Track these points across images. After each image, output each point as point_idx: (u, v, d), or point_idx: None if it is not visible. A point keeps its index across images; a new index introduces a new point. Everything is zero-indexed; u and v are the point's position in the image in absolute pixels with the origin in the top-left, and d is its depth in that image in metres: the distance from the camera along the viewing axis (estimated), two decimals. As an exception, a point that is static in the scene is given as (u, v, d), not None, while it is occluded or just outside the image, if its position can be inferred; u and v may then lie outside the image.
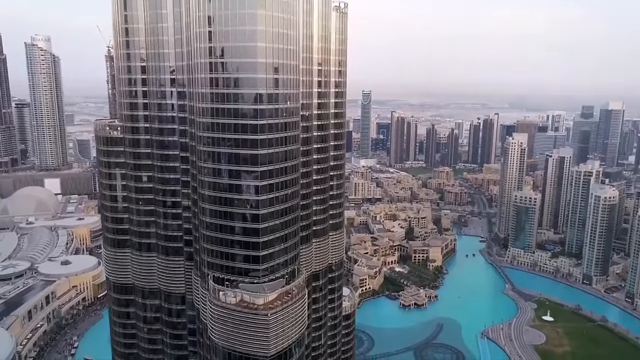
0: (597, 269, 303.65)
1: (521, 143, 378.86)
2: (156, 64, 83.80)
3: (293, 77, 72.99)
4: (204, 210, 74.08)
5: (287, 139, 73.12)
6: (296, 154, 75.71)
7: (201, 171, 73.51)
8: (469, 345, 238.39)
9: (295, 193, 76.66)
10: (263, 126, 68.89)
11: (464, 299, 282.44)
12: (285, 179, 73.49)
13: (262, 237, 71.52)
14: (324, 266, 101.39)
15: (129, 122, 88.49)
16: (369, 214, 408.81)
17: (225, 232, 72.57)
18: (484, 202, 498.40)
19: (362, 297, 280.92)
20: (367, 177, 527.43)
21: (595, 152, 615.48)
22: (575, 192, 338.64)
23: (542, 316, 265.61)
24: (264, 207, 71.05)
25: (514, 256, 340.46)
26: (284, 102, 71.14)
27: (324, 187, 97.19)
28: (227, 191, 71.43)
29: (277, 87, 69.78)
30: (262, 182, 70.13)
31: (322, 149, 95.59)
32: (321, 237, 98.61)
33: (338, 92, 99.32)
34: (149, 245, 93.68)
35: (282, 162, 72.76)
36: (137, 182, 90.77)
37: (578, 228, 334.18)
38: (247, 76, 68.20)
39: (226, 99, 68.65)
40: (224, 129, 69.41)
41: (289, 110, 72.40)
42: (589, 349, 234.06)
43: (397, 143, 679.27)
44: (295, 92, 73.89)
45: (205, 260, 75.69)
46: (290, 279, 76.76)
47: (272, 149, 70.69)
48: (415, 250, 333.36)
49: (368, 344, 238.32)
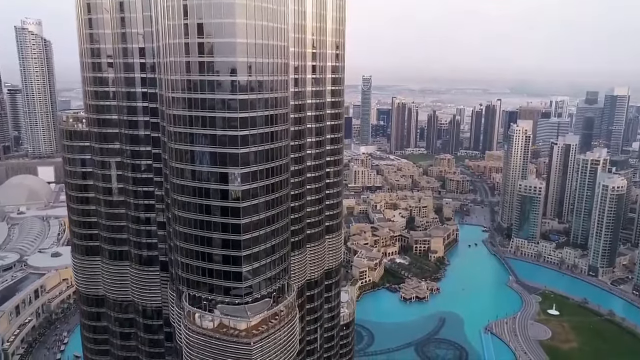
0: (603, 261, 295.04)
1: (526, 130, 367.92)
2: (124, 45, 73.15)
3: (281, 60, 62.48)
4: (177, 217, 63.91)
5: (274, 135, 62.88)
6: (285, 151, 65.58)
7: (172, 172, 63.44)
8: (472, 341, 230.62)
9: (285, 197, 66.44)
10: (244, 120, 58.46)
11: (466, 291, 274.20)
12: (271, 181, 63.34)
13: (245, 250, 61.41)
14: (319, 273, 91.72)
15: (94, 113, 78.11)
16: (368, 203, 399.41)
17: (201, 243, 62.48)
18: (486, 190, 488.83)
19: (362, 290, 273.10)
20: (367, 165, 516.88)
21: (599, 138, 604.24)
22: (581, 180, 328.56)
23: (547, 310, 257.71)
24: (247, 215, 60.93)
25: (518, 247, 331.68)
26: (269, 90, 60.90)
27: (318, 185, 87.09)
28: (202, 196, 61.23)
29: (261, 73, 59.40)
30: (244, 186, 59.89)
31: (317, 143, 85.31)
32: (316, 242, 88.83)
33: (335, 78, 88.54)
34: (121, 253, 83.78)
35: (268, 162, 62.61)
36: (106, 181, 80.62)
37: (584, 218, 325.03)
38: (224, 60, 57.64)
39: (200, 87, 58.11)
40: (197, 123, 59.07)
41: (275, 100, 62.12)
42: (596, 345, 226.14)
43: (398, 129, 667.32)
44: (284, 78, 63.28)
45: (179, 275, 65.74)
46: (279, 297, 66.95)
47: (255, 147, 60.44)
48: (416, 241, 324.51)
49: (368, 340, 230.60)
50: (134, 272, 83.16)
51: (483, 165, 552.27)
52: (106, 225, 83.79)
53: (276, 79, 61.64)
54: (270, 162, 62.07)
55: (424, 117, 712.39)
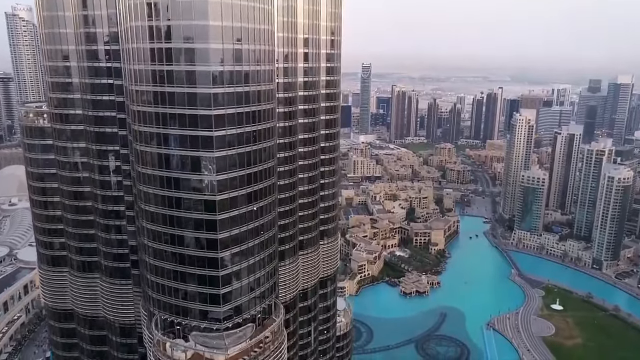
0: (607, 253, 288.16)
1: (529, 120, 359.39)
2: (87, 30, 64.40)
3: (265, 47, 54.15)
4: (144, 230, 56.00)
5: (257, 134, 54.66)
6: (271, 152, 57.44)
7: (140, 178, 55.21)
8: (473, 337, 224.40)
9: (271, 205, 58.50)
10: (219, 118, 50.26)
11: (468, 285, 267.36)
12: (254, 188, 55.33)
13: (223, 269, 53.53)
14: (313, 282, 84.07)
15: (56, 107, 69.56)
16: (368, 194, 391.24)
17: (172, 260, 54.54)
18: (487, 180, 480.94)
19: (361, 284, 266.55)
20: (367, 154, 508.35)
21: (602, 127, 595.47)
22: (586, 171, 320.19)
23: (551, 304, 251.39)
24: (225, 228, 52.91)
25: (520, 239, 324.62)
26: (250, 83, 52.62)
27: (312, 187, 79.10)
28: (172, 207, 53.22)
29: (239, 62, 51.04)
30: (221, 196, 51.87)
31: (310, 140, 77.09)
32: (310, 248, 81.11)
33: (330, 67, 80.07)
34: (90, 264, 75.91)
35: (250, 167, 54.57)
36: (72, 184, 72.38)
37: (588, 209, 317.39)
38: (194, 46, 49.15)
39: (166, 79, 49.63)
40: (164, 122, 50.90)
41: (258, 94, 53.87)
42: (601, 341, 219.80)
43: (398, 118, 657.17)
44: (269, 68, 54.99)
45: (149, 295, 57.82)
46: (265, 319, 59.12)
47: (233, 150, 52.31)
48: (416, 233, 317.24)
49: (367, 336, 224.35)
50: (105, 285, 75.25)
51: (484, 154, 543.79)
52: (73, 234, 75.76)
53: (259, 68, 53.34)
54: (252, 166, 53.94)
55: (424, 105, 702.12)
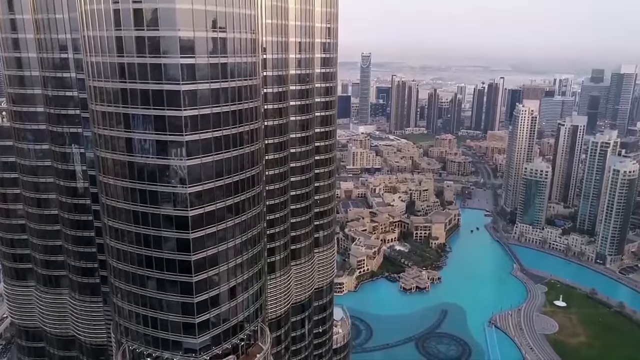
0: (612, 248, 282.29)
1: (532, 111, 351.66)
2: (50, 16, 57.01)
3: (248, 36, 46.93)
4: (110, 249, 49.00)
5: (239, 137, 47.53)
6: (255, 158, 50.46)
7: (102, 188, 48.44)
8: (475, 335, 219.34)
9: (257, 217, 51.62)
10: (192, 120, 43.19)
11: (469, 281, 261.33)
12: (236, 200, 48.46)
13: (199, 294, 46.75)
14: (308, 294, 77.49)
15: (15, 104, 62.30)
16: (367, 186, 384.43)
17: (141, 285, 47.87)
18: (488, 172, 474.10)
19: (360, 280, 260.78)
20: (366, 146, 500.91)
21: (605, 118, 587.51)
22: (590, 163, 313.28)
23: (554, 301, 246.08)
24: (199, 248, 46.04)
25: (522, 232, 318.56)
26: (229, 77, 45.59)
27: (306, 191, 72.18)
28: (139, 223, 46.42)
29: (215, 54, 43.86)
30: (194, 211, 45.00)
31: (303, 139, 70.02)
32: (304, 258, 74.46)
33: (326, 58, 72.71)
34: (58, 279, 69.09)
35: (230, 175, 47.61)
36: (36, 191, 65.35)
37: (592, 202, 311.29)
38: (161, 34, 41.61)
39: (127, 74, 42.31)
40: (128, 125, 43.82)
41: (239, 91, 46.75)
42: (606, 339, 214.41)
43: (398, 108, 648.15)
44: (253, 60, 47.79)
45: (117, 321, 51.09)
46: (250, 346, 52.49)
47: (209, 157, 45.22)
48: (416, 227, 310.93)
49: (366, 334, 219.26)
50: (73, 302, 68.52)
51: (485, 145, 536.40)
52: (38, 245, 68.79)
53: (240, 60, 46.25)
54: (233, 174, 46.92)
55: (425, 95, 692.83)
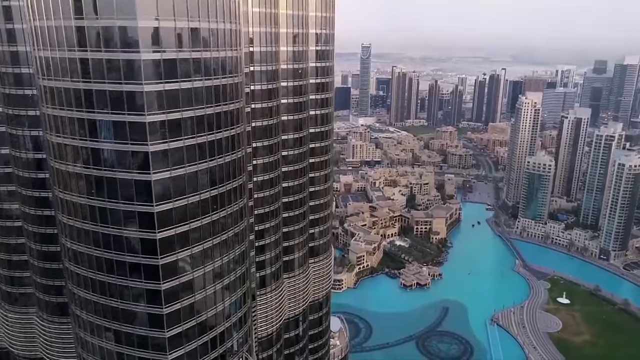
0: (615, 243, 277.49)
1: (535, 103, 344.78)
2: (6, 3, 50.95)
3: (227, 26, 40.64)
4: (71, 274, 43.30)
5: (215, 146, 41.15)
6: (237, 168, 44.60)
7: (58, 205, 42.60)
8: (477, 333, 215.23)
9: (238, 236, 45.49)
10: (157, 127, 37.02)
11: (471, 277, 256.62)
12: (214, 217, 42.39)
13: (170, 328, 40.87)
14: (302, 308, 72.03)
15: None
16: (367, 180, 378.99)
17: (104, 316, 41.92)
18: (489, 164, 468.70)
19: (360, 276, 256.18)
20: (366, 138, 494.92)
21: (607, 110, 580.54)
22: (594, 157, 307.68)
23: (557, 298, 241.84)
24: (170, 276, 39.94)
25: (524, 227, 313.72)
26: (205, 75, 39.42)
27: (299, 197, 66.53)
28: (100, 247, 40.43)
29: (185, 47, 37.61)
30: (163, 233, 38.97)
31: (296, 140, 64.20)
32: (298, 270, 69.01)
33: (322, 51, 66.64)
34: (24, 296, 63.34)
35: (206, 190, 41.17)
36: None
37: (595, 197, 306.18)
38: (119, 24, 35.26)
39: (80, 71, 36.36)
40: (82, 131, 37.72)
41: (216, 90, 40.57)
42: (610, 338, 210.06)
43: (398, 100, 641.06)
44: (234, 54, 41.93)
45: (79, 354, 45.33)
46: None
47: (180, 169, 39.05)
48: (417, 222, 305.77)
49: (365, 333, 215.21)
50: (42, 322, 62.77)
51: (486, 138, 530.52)
52: (1, 260, 62.80)
53: (218, 55, 40.28)
54: (211, 188, 40.97)
55: (425, 86, 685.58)
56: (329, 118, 71.23)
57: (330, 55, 68.49)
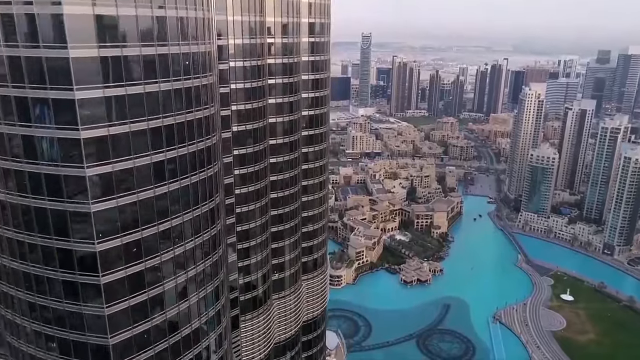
0: (620, 238, 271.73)
1: (539, 94, 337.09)
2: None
3: (194, 14, 33.65)
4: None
5: (177, 165, 34.01)
6: (208, 188, 37.50)
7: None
8: (479, 332, 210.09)
9: (212, 268, 38.42)
10: (97, 144, 29.92)
11: (472, 273, 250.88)
12: (177, 251, 35.35)
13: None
14: (294, 331, 65.62)
15: None
16: (367, 172, 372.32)
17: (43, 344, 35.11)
18: (491, 156, 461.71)
19: (359, 272, 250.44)
20: (366, 129, 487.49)
21: (611, 101, 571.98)
22: (599, 149, 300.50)
23: (561, 295, 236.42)
24: (118, 329, 33.13)
25: (527, 221, 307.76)
26: (163, 77, 32.30)
27: (291, 209, 59.73)
28: (34, 292, 33.63)
29: (126, 41, 30.21)
30: (109, 277, 31.79)
31: (287, 145, 57.35)
32: (289, 290, 62.46)
33: (316, 42, 59.42)
34: None
35: (165, 219, 34.15)
36: None
37: (600, 190, 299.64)
38: (42, 12, 28.15)
39: (9, 75, 29.26)
40: (4, 149, 31.05)
41: (180, 94, 33.56)
42: (616, 337, 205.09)
43: (399, 90, 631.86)
44: (204, 49, 34.83)
45: None
46: None
47: (130, 196, 31.99)
48: (418, 215, 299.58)
49: (365, 331, 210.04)
50: None
51: (488, 129, 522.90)
52: None
53: (178, 51, 33.24)
54: (172, 216, 33.94)
55: (426, 76, 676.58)
56: (323, 119, 63.82)
57: (326, 47, 60.99)
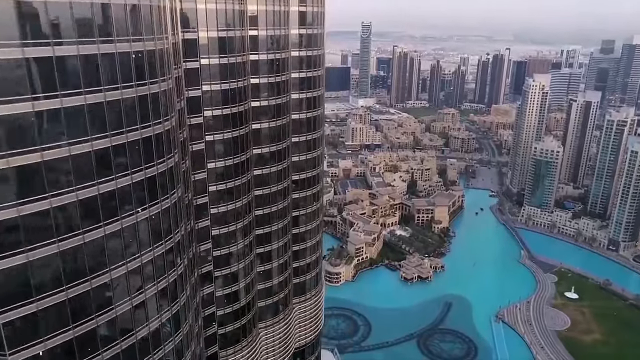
0: (626, 234, 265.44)
1: (543, 86, 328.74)
2: None
3: (147, 1, 26.65)
4: None
5: (124, 194, 27.13)
6: (175, 218, 30.73)
7: None
8: (481, 331, 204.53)
9: (186, 309, 31.61)
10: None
11: (474, 270, 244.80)
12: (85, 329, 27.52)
13: None
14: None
15: None
16: (367, 165, 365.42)
17: None
18: (492, 148, 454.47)
19: (358, 268, 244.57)
20: (366, 121, 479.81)
21: (614, 92, 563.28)
22: (604, 142, 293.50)
23: (565, 292, 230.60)
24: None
25: (530, 215, 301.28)
26: (72, 89, 24.41)
27: (280, 226, 52.66)
28: None
29: (52, 37, 23.15)
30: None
31: (274, 155, 50.06)
32: (277, 317, 55.42)
33: (307, 35, 51.73)
34: None
35: (82, 282, 26.36)
36: None
37: (605, 184, 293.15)
38: None
39: None
40: None
41: (114, 107, 25.99)
42: (622, 336, 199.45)
43: (399, 80, 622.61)
44: (159, 46, 27.53)
45: None
46: None
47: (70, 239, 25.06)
48: (418, 210, 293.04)
49: (364, 331, 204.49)
50: None
51: (489, 120, 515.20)
52: None
53: (112, 50, 25.81)
54: (87, 279, 26.10)
55: (426, 66, 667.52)
56: (317, 122, 56.05)
57: (319, 40, 52.86)
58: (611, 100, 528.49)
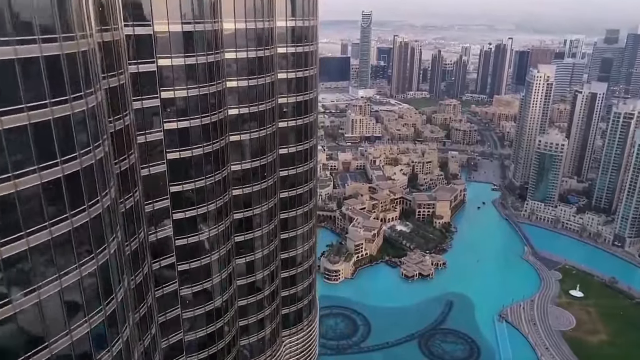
0: (632, 229, 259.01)
1: (547, 77, 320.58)
2: None
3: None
4: None
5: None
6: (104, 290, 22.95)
7: None
8: (484, 331, 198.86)
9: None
10: None
11: (477, 267, 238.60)
12: None
13: None
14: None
15: None
16: (367, 158, 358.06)
17: None
18: (495, 140, 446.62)
19: (358, 265, 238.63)
20: (366, 112, 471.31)
21: (618, 82, 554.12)
22: (610, 135, 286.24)
23: (570, 290, 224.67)
24: None
25: (533, 210, 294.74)
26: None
27: (268, 250, 45.33)
28: None
29: None
30: None
31: (257, 171, 42.37)
32: (263, 354, 48.22)
33: (297, 28, 43.71)
34: None
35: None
36: None
37: (610, 178, 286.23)
38: None
39: None
40: None
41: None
42: (630, 337, 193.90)
43: (399, 71, 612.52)
44: (85, 47, 20.37)
45: None
46: None
47: None
48: (419, 204, 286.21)
49: (364, 331, 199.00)
50: None
51: (491, 111, 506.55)
52: None
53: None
54: None
55: (427, 56, 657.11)
56: (310, 130, 47.96)
57: (311, 34, 44.37)
58: (615, 91, 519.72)
